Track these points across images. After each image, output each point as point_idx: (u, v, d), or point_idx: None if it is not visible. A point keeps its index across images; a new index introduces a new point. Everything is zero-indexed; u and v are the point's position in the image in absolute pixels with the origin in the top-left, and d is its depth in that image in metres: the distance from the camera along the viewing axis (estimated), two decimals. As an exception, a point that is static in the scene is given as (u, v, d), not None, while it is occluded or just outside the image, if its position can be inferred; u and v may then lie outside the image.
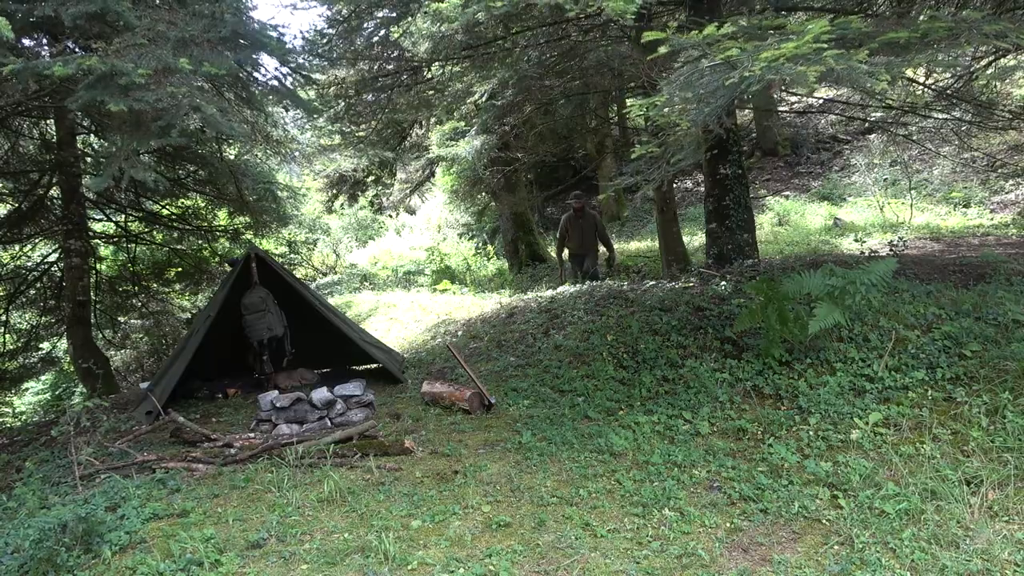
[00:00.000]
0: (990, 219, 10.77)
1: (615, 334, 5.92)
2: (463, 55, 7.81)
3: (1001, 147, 12.72)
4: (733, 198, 7.28)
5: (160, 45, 4.49)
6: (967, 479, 3.33)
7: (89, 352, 8.19)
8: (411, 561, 2.96)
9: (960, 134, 10.96)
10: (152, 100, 4.22)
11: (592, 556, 2.97)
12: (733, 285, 6.39)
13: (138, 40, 4.40)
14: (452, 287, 12.01)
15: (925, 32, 3.54)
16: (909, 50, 3.68)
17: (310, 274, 15.96)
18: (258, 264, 6.24)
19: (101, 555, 3.13)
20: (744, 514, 3.29)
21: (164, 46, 4.49)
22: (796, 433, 4.04)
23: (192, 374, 6.27)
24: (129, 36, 4.44)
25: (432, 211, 19.14)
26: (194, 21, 4.89)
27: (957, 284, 5.94)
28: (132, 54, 4.31)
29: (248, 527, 3.38)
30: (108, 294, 10.10)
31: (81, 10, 4.40)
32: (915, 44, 3.64)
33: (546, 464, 4.01)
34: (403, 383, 6.29)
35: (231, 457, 4.38)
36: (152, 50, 4.39)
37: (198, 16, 4.97)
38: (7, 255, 9.64)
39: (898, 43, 3.60)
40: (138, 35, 4.45)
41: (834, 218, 11.97)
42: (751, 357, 4.94)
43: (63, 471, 4.43)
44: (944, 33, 3.54)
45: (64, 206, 8.19)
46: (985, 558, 2.74)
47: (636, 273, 9.68)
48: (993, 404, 3.89)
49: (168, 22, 4.73)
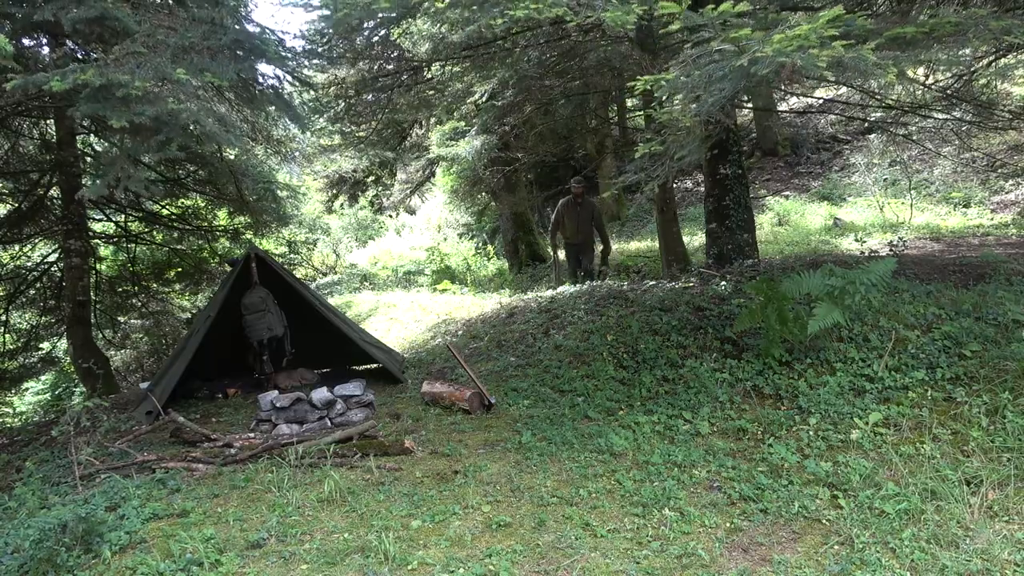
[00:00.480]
0: (990, 219, 10.77)
1: (615, 334, 5.92)
2: (463, 55, 7.82)
3: (1001, 147, 12.72)
4: (733, 198, 7.29)
5: (160, 53, 4.48)
6: (967, 479, 3.33)
7: (89, 352, 8.18)
8: (411, 561, 2.96)
9: (960, 134, 10.96)
10: (151, 114, 4.23)
11: (592, 556, 2.97)
12: (733, 285, 6.39)
13: (137, 48, 4.39)
14: (452, 287, 12.01)
15: (932, 27, 3.53)
16: (915, 46, 3.68)
17: (310, 274, 15.96)
18: (258, 264, 6.24)
19: (101, 555, 3.13)
20: (744, 514, 3.29)
21: (164, 53, 4.48)
22: (796, 433, 4.04)
23: (192, 374, 6.27)
24: (128, 43, 4.43)
25: (432, 211, 19.14)
26: (194, 27, 4.88)
27: (957, 284, 5.94)
28: (131, 63, 4.30)
29: (248, 527, 3.38)
30: (108, 294, 10.08)
31: (81, 15, 4.40)
32: (921, 40, 3.63)
33: (546, 464, 4.01)
34: (403, 383, 6.29)
35: (231, 457, 4.38)
36: (151, 58, 4.38)
37: (198, 21, 4.96)
38: (7, 255, 9.63)
39: (904, 39, 3.60)
40: (138, 42, 4.45)
41: (834, 218, 11.96)
42: (751, 357, 4.94)
43: (63, 471, 4.43)
44: (951, 29, 3.54)
45: (64, 206, 8.19)
46: (985, 558, 2.74)
47: (636, 273, 9.68)
48: (993, 404, 3.89)
49: (168, 27, 4.73)
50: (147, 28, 4.63)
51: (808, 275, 4.83)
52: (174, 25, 4.79)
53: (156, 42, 4.55)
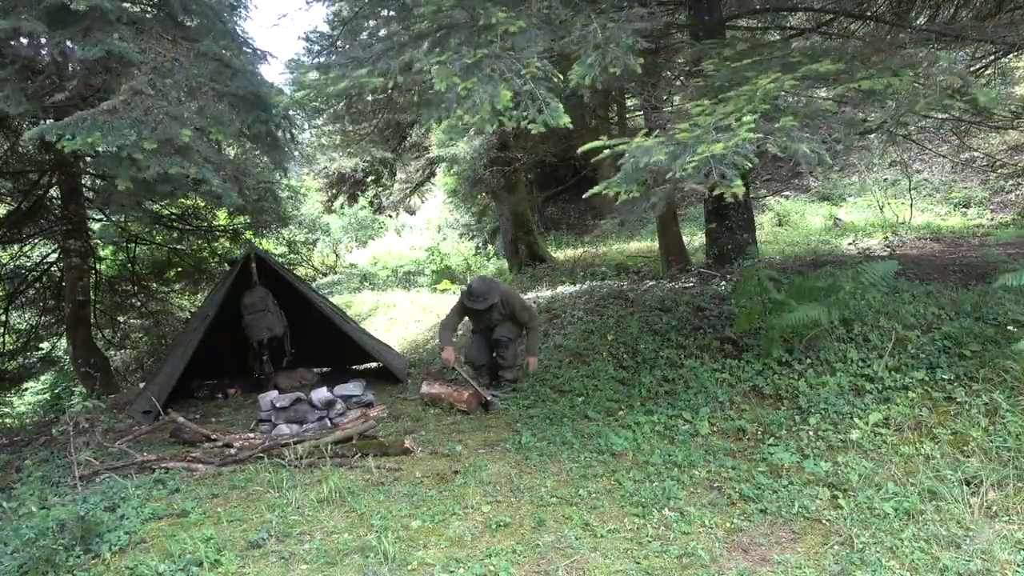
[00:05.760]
0: (990, 219, 10.77)
1: (615, 334, 5.92)
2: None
3: (1001, 147, 12.72)
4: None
5: (166, 94, 4.49)
6: (967, 479, 3.32)
7: (89, 352, 8.18)
8: (411, 561, 2.96)
9: (960, 134, 10.95)
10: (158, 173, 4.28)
11: (592, 556, 2.96)
12: (733, 285, 6.39)
13: (143, 86, 4.38)
14: (452, 287, 12.01)
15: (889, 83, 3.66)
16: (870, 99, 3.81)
17: (310, 274, 15.94)
18: (258, 264, 6.24)
19: (100, 555, 3.13)
20: (744, 514, 3.29)
21: (170, 93, 4.49)
22: (796, 433, 4.04)
23: (192, 374, 6.27)
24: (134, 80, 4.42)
25: (432, 211, 19.13)
26: (200, 61, 4.86)
27: (957, 284, 5.93)
28: (138, 109, 4.29)
29: (248, 527, 3.38)
30: (108, 294, 10.07)
31: (87, 55, 4.39)
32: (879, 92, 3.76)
33: (546, 464, 4.01)
34: (403, 383, 6.28)
35: (231, 457, 4.38)
36: (157, 101, 4.38)
37: (204, 57, 4.94)
38: (7, 255, 9.63)
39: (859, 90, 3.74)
40: (143, 78, 4.44)
41: (834, 218, 11.97)
42: (751, 357, 4.94)
43: (63, 471, 4.42)
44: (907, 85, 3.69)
45: (64, 206, 8.19)
46: (985, 558, 2.74)
47: (636, 273, 9.68)
48: (993, 404, 3.88)
49: (173, 58, 4.71)
50: (151, 59, 4.61)
51: (807, 277, 4.85)
52: (179, 56, 4.77)
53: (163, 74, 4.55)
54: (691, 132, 3.55)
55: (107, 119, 4.16)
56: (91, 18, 4.45)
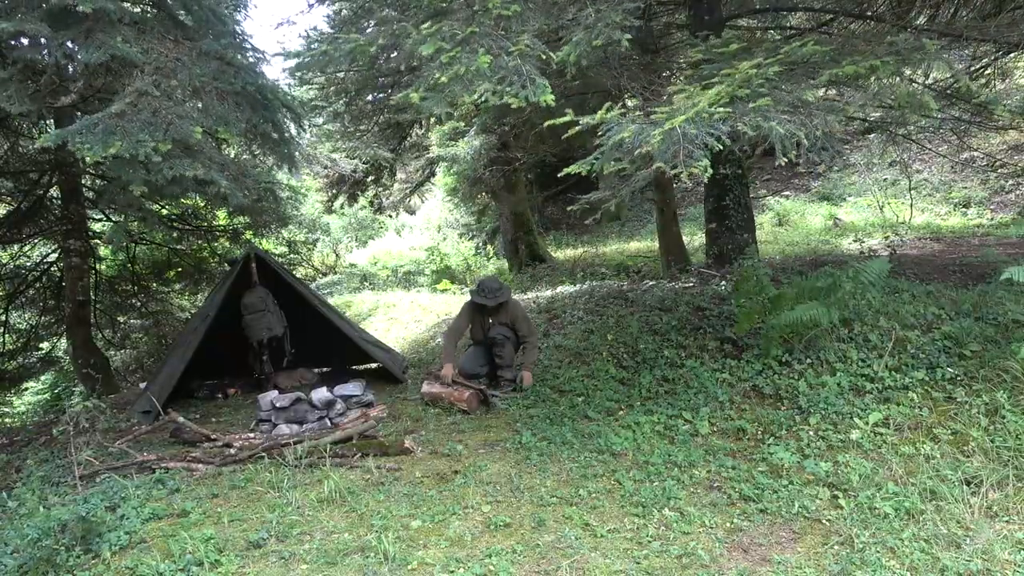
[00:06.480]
0: (990, 219, 10.77)
1: (615, 334, 5.92)
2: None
3: (1001, 147, 12.72)
4: (733, 198, 7.28)
5: (171, 95, 4.49)
6: (967, 479, 3.32)
7: (89, 352, 8.18)
8: (411, 561, 2.96)
9: (959, 134, 10.96)
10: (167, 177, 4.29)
11: (592, 556, 2.96)
12: (733, 285, 6.39)
13: (148, 87, 4.38)
14: (452, 287, 12.01)
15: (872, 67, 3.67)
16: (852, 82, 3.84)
17: (310, 274, 15.95)
18: (258, 264, 6.24)
19: (101, 555, 3.12)
20: (744, 514, 3.29)
21: (174, 93, 4.50)
22: (796, 433, 4.04)
23: (192, 374, 6.27)
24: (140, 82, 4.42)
25: (432, 211, 19.14)
26: (202, 61, 4.86)
27: (957, 284, 5.94)
28: (147, 111, 4.29)
29: (248, 527, 3.38)
30: (108, 294, 10.08)
31: (91, 58, 4.39)
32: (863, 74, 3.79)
33: (546, 464, 4.01)
34: (403, 383, 6.28)
35: (231, 457, 4.37)
36: (164, 103, 4.39)
37: (206, 56, 4.94)
38: (7, 255, 9.63)
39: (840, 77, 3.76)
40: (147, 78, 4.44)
41: (834, 218, 11.97)
42: (751, 357, 4.94)
43: (63, 471, 4.43)
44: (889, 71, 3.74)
45: (64, 206, 8.19)
46: (985, 558, 2.74)
47: (636, 273, 9.68)
48: (993, 404, 3.89)
49: (175, 58, 4.71)
50: (154, 59, 4.60)
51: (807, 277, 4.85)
52: (181, 55, 4.76)
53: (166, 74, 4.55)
54: (666, 114, 3.57)
55: (118, 123, 4.15)
56: (93, 19, 4.45)
